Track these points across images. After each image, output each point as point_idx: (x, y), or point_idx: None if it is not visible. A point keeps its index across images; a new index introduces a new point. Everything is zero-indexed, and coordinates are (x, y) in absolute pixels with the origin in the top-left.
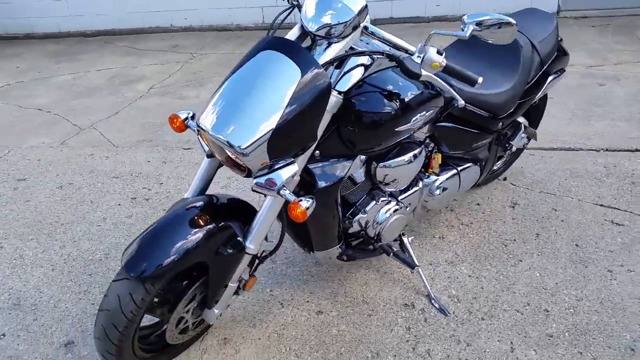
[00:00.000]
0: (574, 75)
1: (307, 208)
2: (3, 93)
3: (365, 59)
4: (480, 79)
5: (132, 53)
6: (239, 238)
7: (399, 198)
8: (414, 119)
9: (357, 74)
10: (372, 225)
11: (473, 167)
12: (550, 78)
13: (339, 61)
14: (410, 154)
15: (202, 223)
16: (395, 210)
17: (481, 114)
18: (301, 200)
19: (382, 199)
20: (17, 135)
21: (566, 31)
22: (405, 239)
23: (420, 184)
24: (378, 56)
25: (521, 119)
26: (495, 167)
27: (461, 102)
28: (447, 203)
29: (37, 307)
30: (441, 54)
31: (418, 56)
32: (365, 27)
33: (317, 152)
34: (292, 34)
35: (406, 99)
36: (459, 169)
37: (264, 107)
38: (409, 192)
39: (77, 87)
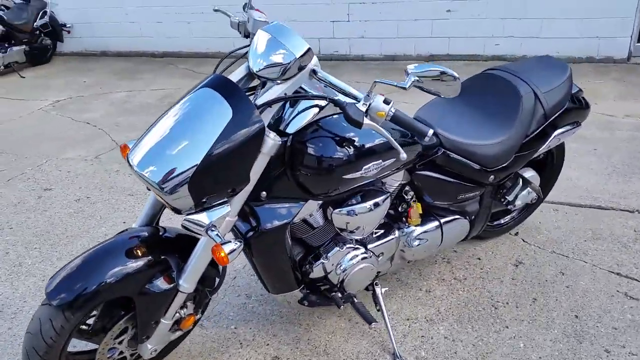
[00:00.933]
0: (626, 127)
1: (231, 252)
2: (63, 106)
3: (320, 102)
4: (430, 132)
5: (190, 75)
6: (173, 275)
7: (370, 246)
8: (365, 167)
9: (307, 117)
10: (334, 272)
11: (460, 220)
12: (558, 131)
13: (294, 102)
14: (371, 202)
15: (139, 255)
16: (363, 259)
17: (468, 165)
18: (226, 243)
19: (348, 245)
20: (60, 146)
21: (634, 79)
22: (378, 290)
23: (397, 233)
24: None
25: (530, 173)
26: (502, 221)
27: (403, 156)
28: (434, 254)
29: (16, 316)
30: (388, 103)
31: (364, 104)
32: (314, 71)
33: (264, 193)
34: (238, 73)
35: (358, 147)
36: (442, 221)
37: (189, 146)
38: (381, 241)
39: (128, 105)
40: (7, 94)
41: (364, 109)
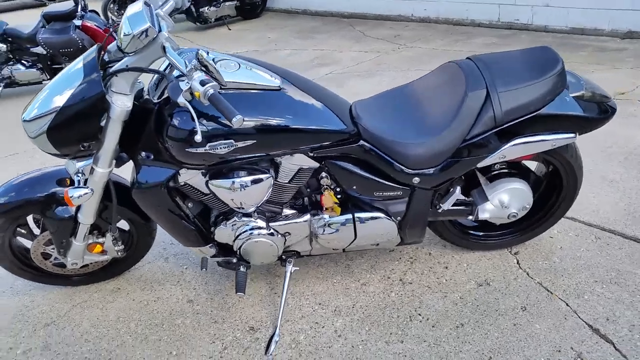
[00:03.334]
0: None
1: (73, 197)
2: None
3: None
4: (236, 118)
5: (356, 38)
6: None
7: (273, 223)
8: (210, 144)
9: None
10: (232, 239)
11: (383, 220)
12: (521, 140)
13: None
14: (245, 180)
15: (65, 184)
16: (261, 234)
17: (387, 162)
18: (77, 188)
19: (247, 218)
20: None
21: None
22: (288, 267)
23: (308, 217)
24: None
25: (513, 185)
26: (480, 233)
27: (197, 138)
28: (368, 248)
29: None
30: (204, 84)
31: (187, 83)
32: (163, 47)
33: (143, 153)
34: (115, 44)
35: (203, 123)
36: (357, 215)
37: (51, 103)
38: (287, 221)
39: (281, 62)
40: (208, 43)
41: (185, 87)
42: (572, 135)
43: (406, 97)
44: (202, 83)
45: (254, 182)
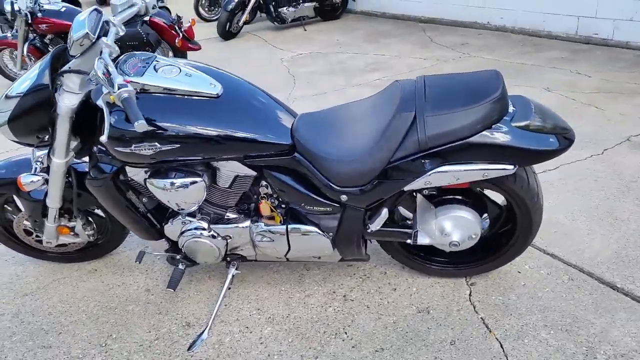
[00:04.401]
0: None
1: (24, 183)
2: (298, 59)
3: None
4: (138, 122)
5: (422, 43)
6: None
7: (215, 226)
8: (136, 145)
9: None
10: (177, 236)
11: (315, 234)
12: (444, 168)
13: None
14: (179, 181)
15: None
16: (202, 234)
17: (316, 177)
18: (25, 175)
19: (190, 217)
20: None
21: None
22: (230, 270)
23: (248, 223)
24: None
25: (457, 213)
26: (435, 260)
27: (102, 138)
28: (312, 259)
29: None
30: (121, 88)
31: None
32: (101, 52)
33: (95, 148)
34: None
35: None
36: (290, 227)
37: (15, 96)
38: (228, 225)
39: (337, 66)
40: (280, 43)
41: (105, 90)
42: (509, 166)
43: (348, 114)
44: (119, 87)
45: (186, 184)
